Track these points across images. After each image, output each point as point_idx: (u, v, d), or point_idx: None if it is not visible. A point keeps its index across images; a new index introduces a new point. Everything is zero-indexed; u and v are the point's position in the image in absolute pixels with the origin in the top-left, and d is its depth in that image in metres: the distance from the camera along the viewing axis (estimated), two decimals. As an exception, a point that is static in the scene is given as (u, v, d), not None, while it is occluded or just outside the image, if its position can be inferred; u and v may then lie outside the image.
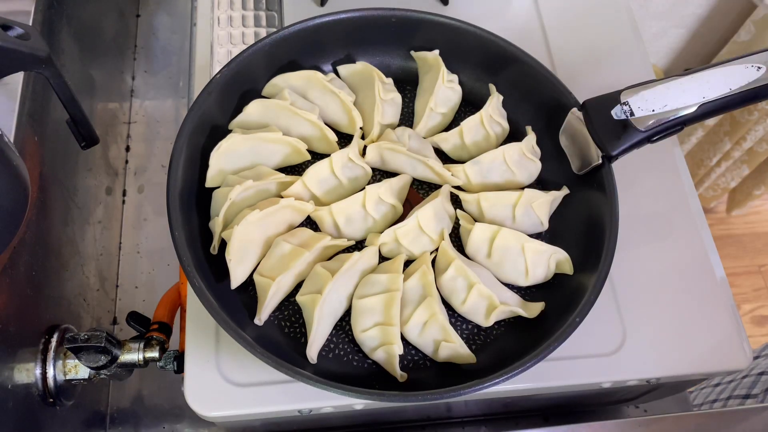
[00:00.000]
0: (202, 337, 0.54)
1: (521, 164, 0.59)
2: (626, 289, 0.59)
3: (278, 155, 0.59)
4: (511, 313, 0.54)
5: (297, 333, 0.53)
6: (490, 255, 0.56)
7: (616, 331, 0.57)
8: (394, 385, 0.51)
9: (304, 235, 0.55)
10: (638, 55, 0.71)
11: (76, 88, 0.50)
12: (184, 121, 0.54)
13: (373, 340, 0.51)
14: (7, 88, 0.56)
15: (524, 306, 0.54)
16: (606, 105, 0.54)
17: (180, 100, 0.87)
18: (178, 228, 0.51)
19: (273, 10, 0.71)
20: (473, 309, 0.53)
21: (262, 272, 0.52)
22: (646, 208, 0.63)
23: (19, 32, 0.45)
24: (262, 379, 0.53)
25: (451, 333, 0.51)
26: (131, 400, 0.72)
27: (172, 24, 0.92)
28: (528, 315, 0.53)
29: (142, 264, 0.78)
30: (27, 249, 0.55)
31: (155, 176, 0.83)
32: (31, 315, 0.56)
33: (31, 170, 0.53)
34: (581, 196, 0.58)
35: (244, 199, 0.55)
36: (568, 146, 0.59)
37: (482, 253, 0.56)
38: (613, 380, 0.55)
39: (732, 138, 1.35)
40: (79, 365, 0.57)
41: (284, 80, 0.60)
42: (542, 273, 0.55)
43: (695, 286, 0.60)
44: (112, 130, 0.82)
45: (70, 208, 0.67)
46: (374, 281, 0.53)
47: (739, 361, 0.57)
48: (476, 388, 0.47)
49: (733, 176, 1.47)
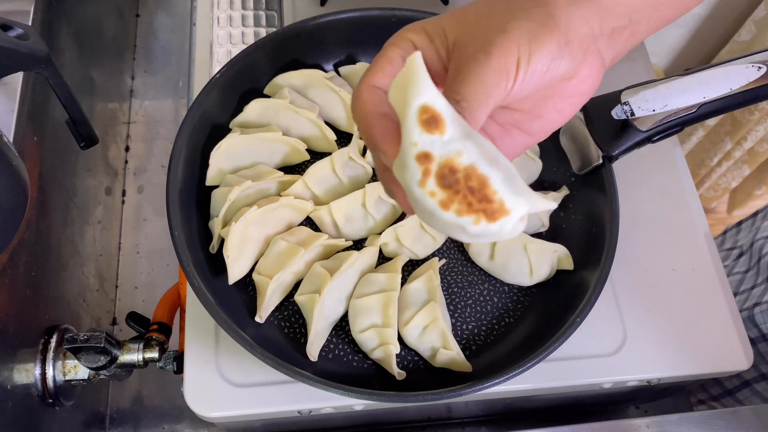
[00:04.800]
0: (202, 338, 0.54)
1: (522, 164, 0.59)
2: (627, 289, 0.59)
3: (278, 154, 0.58)
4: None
5: (297, 333, 0.53)
6: (493, 257, 0.56)
7: (616, 331, 0.57)
8: (393, 386, 0.51)
9: (302, 234, 0.55)
10: (639, 54, 0.71)
11: (75, 88, 0.50)
12: (183, 120, 0.54)
13: (371, 341, 0.51)
14: (6, 88, 0.55)
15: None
16: (606, 105, 0.54)
17: (180, 100, 0.87)
18: (178, 228, 0.51)
19: (273, 10, 0.70)
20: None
21: (261, 271, 0.53)
22: (647, 208, 0.63)
23: (18, 32, 0.45)
24: (261, 379, 0.52)
25: (451, 341, 0.51)
26: (131, 400, 0.72)
27: (171, 24, 0.92)
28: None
29: (141, 264, 0.78)
30: (26, 249, 0.55)
31: (155, 176, 0.83)
32: (30, 315, 0.56)
33: (31, 170, 0.53)
34: (582, 196, 0.58)
35: (243, 198, 0.55)
36: (568, 146, 0.59)
37: (485, 256, 0.56)
38: (614, 381, 0.55)
39: (733, 138, 1.35)
40: (78, 366, 0.56)
41: (285, 79, 0.60)
42: (546, 271, 0.55)
43: (696, 286, 0.60)
44: (111, 130, 0.82)
45: (70, 208, 0.67)
46: (372, 280, 0.53)
47: (739, 361, 0.57)
48: (477, 388, 0.47)
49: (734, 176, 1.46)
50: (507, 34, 0.33)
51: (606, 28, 0.36)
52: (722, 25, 1.28)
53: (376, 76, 0.36)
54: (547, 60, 0.34)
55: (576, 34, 0.34)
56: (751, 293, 0.69)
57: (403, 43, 0.36)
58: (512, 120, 0.38)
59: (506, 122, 0.39)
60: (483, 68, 0.33)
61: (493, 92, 0.33)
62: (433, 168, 0.30)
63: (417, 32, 0.36)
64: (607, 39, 0.37)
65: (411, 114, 0.30)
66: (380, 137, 0.34)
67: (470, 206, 0.30)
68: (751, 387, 0.68)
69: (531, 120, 0.38)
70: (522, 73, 0.33)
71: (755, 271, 0.71)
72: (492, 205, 0.30)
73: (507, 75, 0.33)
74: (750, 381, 0.68)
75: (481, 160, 0.30)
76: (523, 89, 0.34)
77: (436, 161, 0.30)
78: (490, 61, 0.33)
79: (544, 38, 0.33)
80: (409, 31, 0.36)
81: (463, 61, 0.34)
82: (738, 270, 0.74)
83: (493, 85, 0.33)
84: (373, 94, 0.35)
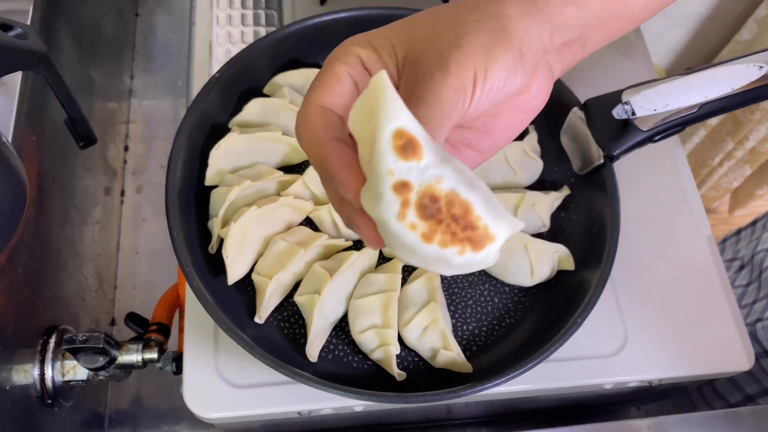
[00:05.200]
0: (201, 338, 0.54)
1: (523, 163, 0.59)
2: (628, 289, 0.59)
3: (278, 154, 0.58)
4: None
5: (296, 334, 0.53)
6: (495, 257, 0.55)
7: (617, 332, 0.57)
8: (394, 387, 0.51)
9: (302, 234, 0.54)
10: (640, 53, 0.71)
11: (74, 87, 0.50)
12: (183, 120, 0.54)
13: (371, 342, 0.51)
14: (5, 87, 0.55)
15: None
16: (607, 104, 0.54)
17: (179, 100, 0.87)
18: (177, 228, 0.51)
19: (272, 9, 0.70)
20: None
21: (260, 271, 0.52)
22: (648, 208, 0.62)
23: (17, 32, 0.45)
24: (261, 380, 0.52)
25: (451, 341, 0.51)
26: (130, 401, 0.71)
27: (171, 23, 0.92)
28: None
29: (140, 264, 0.78)
30: (25, 249, 0.55)
31: (154, 176, 0.83)
32: (29, 316, 0.56)
33: (30, 170, 0.53)
34: (582, 196, 0.58)
35: (243, 198, 0.55)
36: (569, 146, 0.59)
37: (485, 256, 0.56)
38: (615, 381, 0.55)
39: (734, 138, 1.34)
40: (77, 366, 0.56)
41: (284, 78, 0.60)
42: (547, 271, 0.55)
43: (697, 287, 0.59)
44: (110, 129, 0.82)
45: (69, 208, 0.66)
46: (372, 281, 0.53)
47: (741, 362, 0.57)
48: (477, 389, 0.47)
49: (736, 176, 1.46)
50: (462, 49, 0.31)
51: (557, 41, 0.35)
52: (723, 24, 1.28)
53: (324, 96, 0.33)
54: (503, 76, 0.32)
55: (529, 47, 0.33)
56: (752, 308, 0.69)
57: (348, 58, 0.33)
58: (463, 139, 0.37)
59: (457, 141, 0.37)
60: (440, 87, 0.31)
61: (452, 112, 0.31)
62: (412, 198, 0.27)
63: (363, 46, 0.34)
64: (556, 53, 0.36)
65: (384, 140, 0.27)
66: (338, 167, 0.30)
67: (454, 236, 0.28)
68: (755, 402, 0.68)
69: (482, 137, 0.37)
70: (479, 91, 0.31)
71: (756, 285, 0.71)
72: (477, 233, 0.28)
73: (464, 93, 0.31)
74: (753, 396, 0.68)
75: (461, 184, 0.28)
76: (479, 107, 0.32)
77: (414, 190, 0.27)
78: (447, 79, 0.31)
79: (499, 52, 0.32)
80: (354, 44, 0.34)
81: (418, 78, 0.31)
82: (739, 283, 0.74)
83: (452, 105, 0.31)
84: (324, 117, 0.32)
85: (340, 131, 0.32)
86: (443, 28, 0.33)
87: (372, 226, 0.30)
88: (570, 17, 0.34)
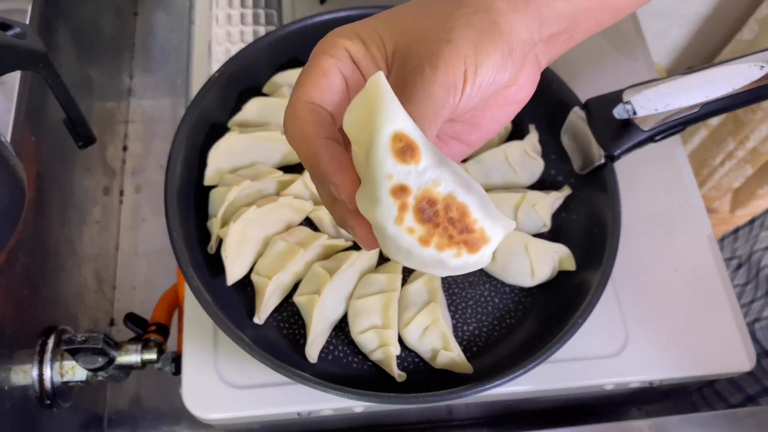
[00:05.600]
0: (200, 339, 0.54)
1: (524, 163, 0.59)
2: (628, 289, 0.58)
3: (277, 154, 0.58)
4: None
5: (296, 334, 0.53)
6: (494, 257, 0.55)
7: (618, 332, 0.56)
8: (394, 387, 0.51)
9: (301, 234, 0.54)
10: (641, 53, 0.71)
11: (73, 87, 0.50)
12: (182, 119, 0.54)
13: (371, 342, 0.51)
14: (4, 87, 0.55)
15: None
16: (608, 104, 0.54)
17: (178, 100, 0.87)
18: (176, 228, 0.51)
19: (272, 8, 0.70)
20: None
21: (259, 271, 0.52)
22: (649, 208, 0.62)
23: (16, 31, 0.45)
24: (260, 381, 0.52)
25: (451, 342, 0.51)
26: (129, 402, 0.71)
27: (170, 22, 0.91)
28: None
29: (139, 265, 0.78)
30: (24, 249, 0.55)
31: (153, 176, 0.82)
32: (28, 316, 0.56)
33: (28, 170, 0.53)
34: (583, 196, 0.58)
35: (242, 198, 0.54)
36: (569, 145, 0.58)
37: (486, 257, 0.56)
38: (616, 382, 0.55)
39: (735, 137, 1.34)
40: (76, 367, 0.56)
41: (284, 78, 0.60)
42: (548, 272, 0.55)
43: (698, 287, 0.59)
44: (109, 129, 0.81)
45: (68, 208, 0.66)
46: (372, 281, 0.53)
47: (742, 362, 0.56)
48: (477, 389, 0.46)
49: (737, 176, 1.46)
50: (451, 44, 0.31)
51: (544, 34, 0.34)
52: (725, 23, 1.27)
53: (312, 91, 0.32)
54: (493, 71, 0.32)
55: (518, 42, 0.33)
56: (750, 308, 0.69)
57: (335, 51, 0.32)
58: (451, 132, 0.37)
59: (445, 135, 0.37)
60: (431, 84, 0.30)
61: (442, 109, 0.31)
62: (410, 202, 0.27)
63: (350, 38, 0.33)
64: (544, 45, 0.35)
65: (382, 143, 0.27)
66: (330, 167, 0.30)
67: (451, 239, 0.28)
68: (755, 402, 0.67)
69: (470, 131, 0.37)
70: (469, 87, 0.31)
71: (754, 284, 0.71)
72: (473, 235, 0.28)
73: (455, 90, 0.31)
74: (754, 396, 0.67)
75: (458, 187, 0.28)
76: (469, 103, 0.32)
77: (413, 194, 0.27)
78: (437, 76, 0.30)
79: (489, 48, 0.31)
80: (341, 36, 0.33)
81: (408, 74, 0.31)
82: (737, 282, 0.74)
83: (442, 102, 0.30)
84: (314, 113, 0.31)
85: (330, 128, 0.31)
86: (432, 22, 0.32)
87: (367, 227, 0.30)
88: (558, 9, 0.34)
